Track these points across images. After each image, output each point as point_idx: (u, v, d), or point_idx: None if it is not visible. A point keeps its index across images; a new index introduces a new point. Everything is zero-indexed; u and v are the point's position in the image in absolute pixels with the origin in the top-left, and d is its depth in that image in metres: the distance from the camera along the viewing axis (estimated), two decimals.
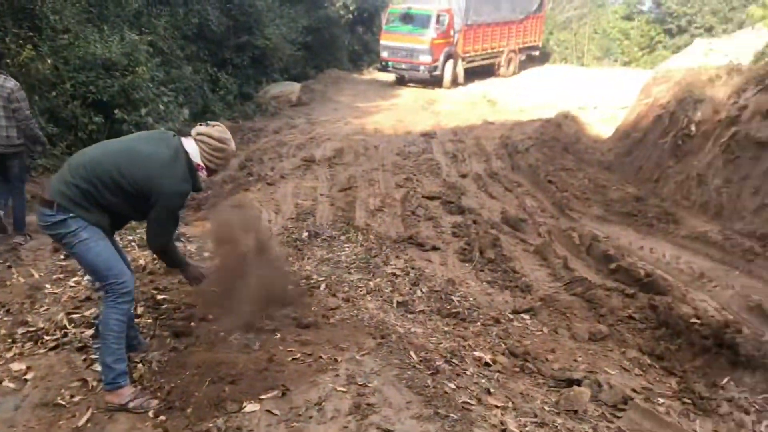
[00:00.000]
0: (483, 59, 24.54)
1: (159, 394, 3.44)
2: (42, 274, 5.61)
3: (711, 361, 4.53)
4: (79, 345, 3.96)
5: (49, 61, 9.61)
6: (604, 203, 8.81)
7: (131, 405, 3.31)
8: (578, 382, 4.05)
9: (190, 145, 3.47)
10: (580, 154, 12.24)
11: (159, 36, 13.94)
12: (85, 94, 10.29)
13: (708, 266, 6.30)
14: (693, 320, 4.82)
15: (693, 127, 9.35)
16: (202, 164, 3.47)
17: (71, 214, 3.26)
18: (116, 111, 10.60)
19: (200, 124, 3.58)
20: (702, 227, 7.36)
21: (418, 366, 3.76)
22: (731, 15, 27.75)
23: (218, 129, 3.53)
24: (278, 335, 4.12)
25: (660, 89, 12.11)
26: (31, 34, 9.70)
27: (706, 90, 9.77)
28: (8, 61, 8.85)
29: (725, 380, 4.36)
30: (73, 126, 10.10)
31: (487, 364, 4.15)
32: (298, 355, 3.76)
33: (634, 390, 4.11)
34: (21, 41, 9.45)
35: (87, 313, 4.44)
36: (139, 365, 3.67)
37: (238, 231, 4.44)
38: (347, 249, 6.73)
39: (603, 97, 20.14)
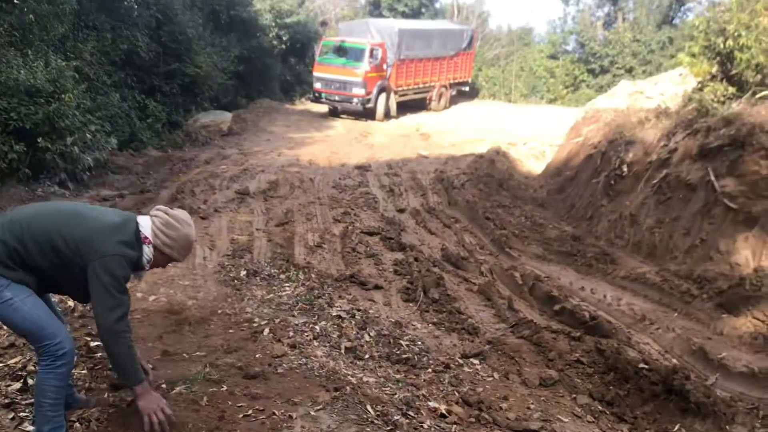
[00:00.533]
0: (415, 93, 24.88)
1: None
2: None
3: (661, 408, 4.54)
4: (5, 401, 3.59)
5: None
6: (543, 242, 8.92)
7: None
8: None
9: (143, 219, 3.13)
10: (514, 190, 12.43)
11: (86, 62, 13.46)
12: (6, 121, 9.72)
13: (648, 308, 6.41)
14: (641, 365, 4.84)
15: (624, 168, 9.63)
16: (150, 238, 3.07)
17: None
18: (39, 139, 10.06)
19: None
20: (639, 268, 7.51)
21: (375, 421, 3.59)
22: (650, 57, 29.20)
23: (179, 210, 3.23)
24: (225, 387, 3.87)
25: (590, 129, 12.49)
26: None
27: (636, 132, 10.11)
28: None
29: (676, 427, 4.38)
30: None
31: (443, 415, 4.01)
32: (250, 412, 3.53)
33: None
34: None
35: (11, 362, 4.06)
36: (76, 424, 3.35)
37: None
38: (288, 289, 6.52)
39: (531, 132, 20.67)
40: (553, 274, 7.58)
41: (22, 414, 3.42)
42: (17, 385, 3.71)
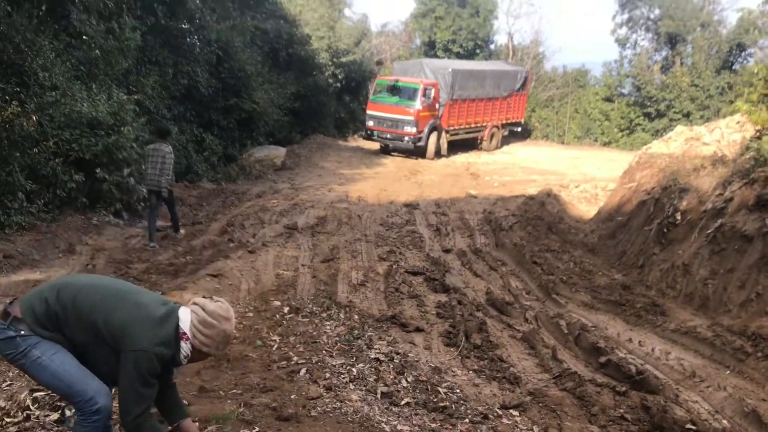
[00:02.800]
0: (466, 133, 24.92)
1: None
2: None
3: None
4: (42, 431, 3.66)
5: (34, 118, 9.45)
6: (591, 289, 8.70)
7: None
8: None
9: (184, 312, 3.06)
10: (564, 234, 12.22)
11: (147, 95, 13.95)
12: (68, 151, 10.14)
13: (699, 364, 6.15)
14: (688, 426, 4.63)
15: (678, 216, 9.37)
16: (188, 334, 3.00)
17: (22, 332, 2.86)
18: (98, 170, 10.42)
19: (204, 297, 3.22)
20: (691, 321, 7.24)
21: None
22: (708, 102, 28.61)
23: (217, 304, 3.09)
24: (257, 429, 3.86)
25: (643, 174, 12.24)
26: (18, 90, 9.56)
27: (690, 179, 9.86)
28: None
29: None
30: (53, 183, 9.88)
31: None
32: None
33: None
34: (7, 97, 9.30)
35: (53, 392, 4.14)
36: None
37: None
38: (329, 327, 6.50)
39: (584, 175, 20.42)
40: (601, 323, 7.36)
41: None
42: (55, 416, 3.77)
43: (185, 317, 3.03)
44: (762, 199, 7.82)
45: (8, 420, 3.83)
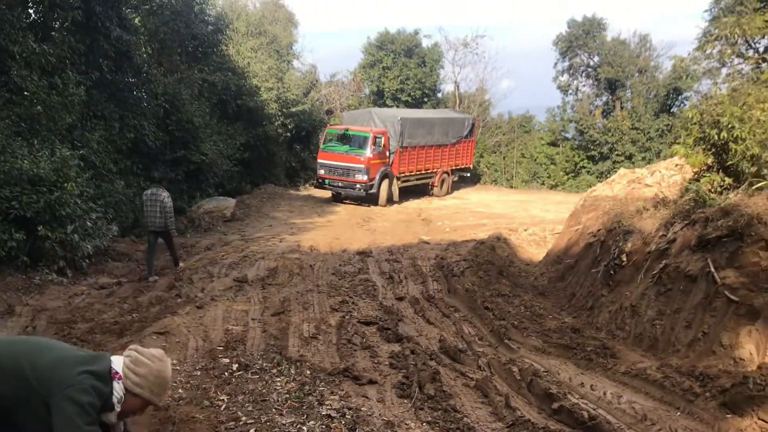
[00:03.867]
0: (417, 179, 25.21)
1: None
2: None
3: None
4: None
5: None
6: (542, 333, 8.74)
7: None
8: None
9: (117, 358, 2.94)
10: (514, 277, 12.32)
11: (92, 150, 13.74)
12: (7, 209, 9.81)
13: (650, 406, 6.18)
14: None
15: (624, 257, 9.54)
16: (120, 374, 2.85)
17: None
18: (40, 227, 10.12)
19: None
20: (641, 363, 7.30)
21: None
22: (648, 144, 29.64)
23: (153, 349, 3.01)
24: None
25: (589, 217, 12.50)
26: None
27: (634, 221, 10.09)
28: None
29: None
30: None
31: None
32: None
33: None
34: None
35: None
36: None
37: None
38: (279, 384, 6.35)
39: (533, 218, 20.77)
40: (553, 368, 7.37)
41: None
42: None
43: (118, 361, 2.91)
44: (703, 239, 8.03)
45: None
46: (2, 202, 9.82)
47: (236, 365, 6.85)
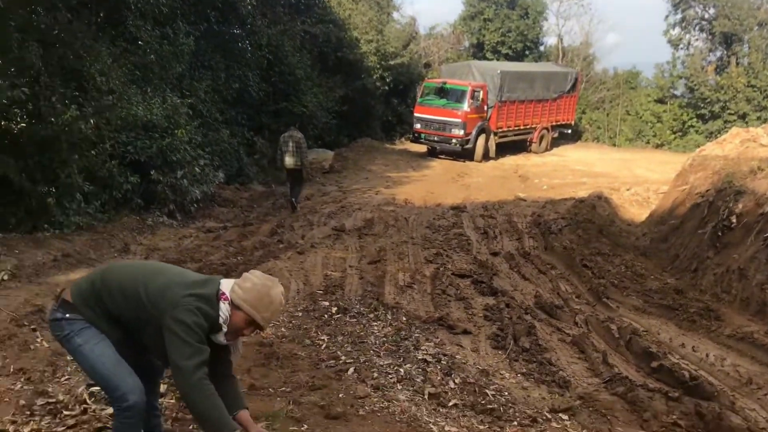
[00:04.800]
0: (515, 135, 24.69)
1: None
2: None
3: None
4: (98, 425, 3.77)
5: (92, 121, 9.76)
6: (643, 293, 8.53)
7: None
8: None
9: (227, 281, 3.00)
10: (615, 237, 12.00)
11: (199, 99, 14.24)
12: (123, 153, 10.44)
13: (756, 370, 5.97)
14: None
15: (734, 219, 9.11)
16: (228, 295, 2.90)
17: (67, 315, 2.93)
18: (152, 172, 10.69)
19: None
20: (747, 326, 7.03)
21: None
22: (765, 103, 27.73)
23: (268, 276, 3.03)
24: (305, 426, 3.91)
25: (697, 176, 11.94)
26: (77, 94, 9.90)
27: (747, 181, 9.58)
28: (52, 119, 9.02)
29: None
30: (109, 185, 10.19)
31: None
32: None
33: None
34: (66, 101, 9.63)
35: None
36: None
37: None
38: (376, 328, 6.53)
39: (636, 178, 20.02)
40: (653, 328, 7.22)
41: None
42: (110, 410, 3.87)
43: (227, 283, 2.98)
44: None
45: (67, 413, 3.97)
46: (119, 147, 10.44)
47: (335, 308, 7.07)
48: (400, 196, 15.81)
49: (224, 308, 2.89)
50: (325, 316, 6.85)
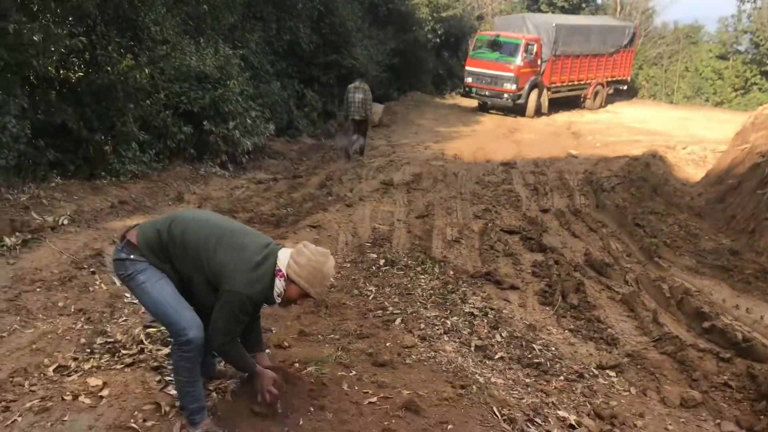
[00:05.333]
0: (569, 90, 24.13)
1: (234, 428, 3.30)
2: None
3: None
4: (155, 364, 3.91)
5: (146, 71, 9.89)
6: (696, 253, 8.34)
7: None
8: None
9: (284, 252, 3.15)
10: (668, 196, 11.71)
11: (251, 51, 14.27)
12: (177, 104, 10.57)
13: None
14: None
15: None
16: (284, 272, 3.08)
17: (132, 256, 3.08)
18: (205, 122, 10.82)
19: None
20: None
21: (501, 425, 3.55)
22: None
23: (322, 248, 3.20)
24: (354, 372, 3.98)
25: (759, 135, 11.50)
26: (132, 43, 10.02)
27: None
28: (108, 68, 9.17)
29: None
30: (163, 134, 10.36)
31: (572, 426, 3.88)
32: (375, 399, 3.61)
33: None
34: (122, 50, 9.76)
35: (164, 329, 4.41)
36: (213, 394, 3.59)
37: None
38: (423, 281, 6.56)
39: (693, 137, 19.41)
40: (705, 289, 7.07)
41: (167, 378, 3.70)
42: (166, 350, 4.01)
43: (284, 257, 3.12)
44: None
45: (124, 352, 4.13)
46: (173, 97, 10.58)
47: (383, 261, 7.12)
48: (449, 151, 15.69)
49: (280, 285, 3.11)
50: (373, 267, 6.91)
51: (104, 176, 9.19)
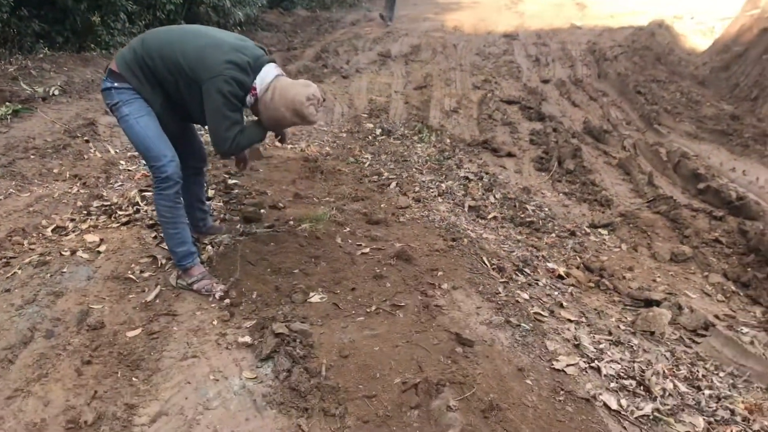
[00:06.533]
0: None
1: (228, 277, 3.38)
2: (117, 151, 5.67)
3: None
4: (150, 222, 3.96)
5: None
6: (697, 119, 8.24)
7: (195, 287, 3.25)
8: (657, 303, 3.84)
9: (270, 69, 3.07)
10: (673, 65, 11.43)
11: None
12: None
13: None
14: None
15: None
16: (257, 90, 3.03)
17: (116, 84, 3.01)
18: None
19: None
20: None
21: (489, 272, 3.62)
22: None
23: (307, 81, 3.12)
24: (347, 228, 4.03)
25: None
26: None
27: None
28: None
29: None
30: (152, 5, 9.99)
31: (560, 277, 3.97)
32: (367, 250, 3.67)
33: (716, 316, 3.88)
34: None
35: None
36: (208, 247, 3.65)
37: None
38: (419, 149, 6.54)
39: (701, 5, 18.69)
40: (703, 153, 7.03)
41: (162, 234, 3.74)
42: None
43: (266, 72, 3.06)
44: None
45: (121, 212, 4.17)
46: None
47: (379, 130, 7.07)
48: (450, 22, 15.20)
49: (248, 103, 3.08)
50: (369, 137, 6.87)
51: (93, 48, 8.95)
